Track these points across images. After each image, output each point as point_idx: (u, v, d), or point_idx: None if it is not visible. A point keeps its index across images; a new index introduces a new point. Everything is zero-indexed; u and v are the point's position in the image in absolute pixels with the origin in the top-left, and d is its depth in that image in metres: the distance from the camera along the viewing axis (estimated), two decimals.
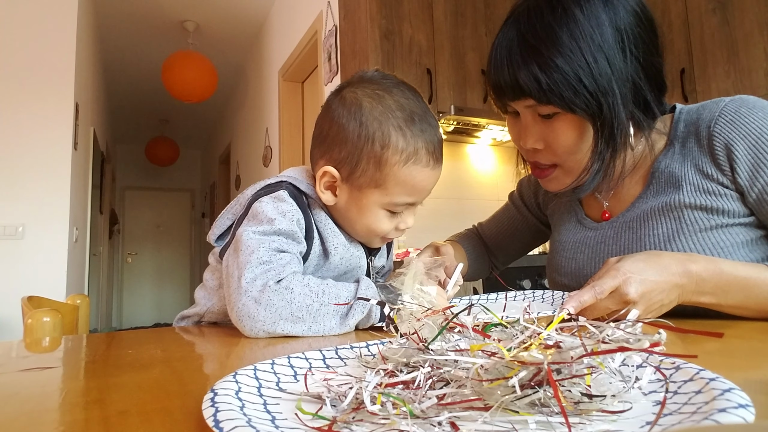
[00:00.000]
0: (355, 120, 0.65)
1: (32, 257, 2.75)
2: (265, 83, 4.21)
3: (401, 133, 0.65)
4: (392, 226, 0.71)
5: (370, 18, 2.25)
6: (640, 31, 0.66)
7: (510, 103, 0.70)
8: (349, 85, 0.70)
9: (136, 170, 7.35)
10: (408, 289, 0.61)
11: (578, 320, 0.33)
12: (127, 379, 0.38)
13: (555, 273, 0.87)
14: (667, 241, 0.69)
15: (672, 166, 0.73)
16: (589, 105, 0.64)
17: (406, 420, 0.23)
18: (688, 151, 0.72)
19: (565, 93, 0.63)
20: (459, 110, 2.32)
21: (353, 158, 0.66)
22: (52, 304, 1.01)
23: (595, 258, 0.79)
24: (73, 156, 2.95)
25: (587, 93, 0.64)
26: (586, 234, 0.82)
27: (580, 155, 0.69)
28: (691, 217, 0.68)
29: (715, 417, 0.20)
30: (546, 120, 0.68)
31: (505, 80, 0.67)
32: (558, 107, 0.65)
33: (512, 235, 1.05)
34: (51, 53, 2.90)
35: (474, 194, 2.81)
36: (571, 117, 0.66)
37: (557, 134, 0.68)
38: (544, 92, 0.64)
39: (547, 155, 0.72)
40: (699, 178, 0.69)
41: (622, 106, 0.65)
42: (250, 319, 0.57)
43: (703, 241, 0.67)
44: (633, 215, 0.75)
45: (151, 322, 7.11)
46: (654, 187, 0.74)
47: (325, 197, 0.69)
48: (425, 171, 0.67)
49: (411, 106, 0.67)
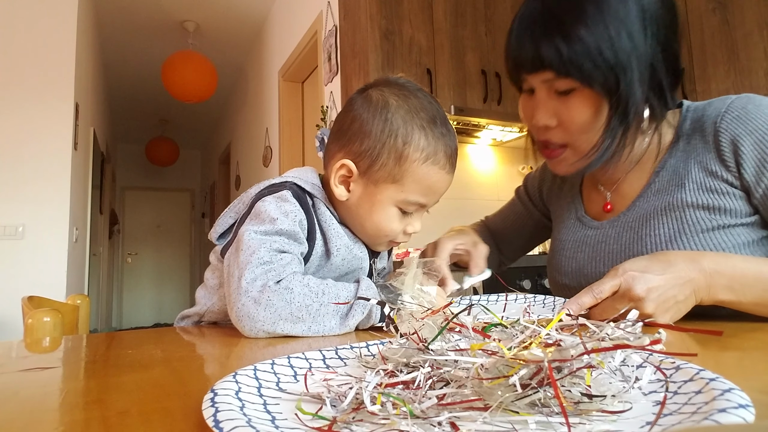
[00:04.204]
0: (381, 116, 0.67)
1: (32, 257, 2.75)
2: (265, 83, 4.21)
3: (424, 133, 0.67)
4: (401, 228, 0.71)
5: (370, 18, 2.25)
6: (662, 13, 0.66)
7: (527, 77, 0.70)
8: (375, 86, 0.71)
9: (136, 170, 7.36)
10: (408, 289, 0.61)
11: (578, 320, 0.33)
12: (127, 379, 0.38)
13: (555, 272, 0.87)
14: (668, 241, 0.69)
15: (676, 164, 0.72)
16: (606, 79, 0.64)
17: (406, 420, 0.23)
18: (692, 148, 0.72)
19: (585, 65, 0.64)
20: (459, 110, 2.32)
21: (374, 151, 0.67)
22: (53, 304, 1.01)
23: (595, 257, 0.78)
24: (73, 156, 2.95)
25: (606, 67, 0.64)
26: (586, 233, 0.82)
27: (591, 134, 0.69)
28: (694, 218, 0.68)
29: (715, 417, 0.20)
30: (561, 96, 0.68)
31: (526, 52, 0.67)
32: (576, 80, 0.65)
33: (518, 230, 1.04)
34: (51, 53, 2.90)
35: (474, 194, 2.81)
36: (587, 94, 0.66)
37: (571, 111, 0.68)
38: (564, 64, 0.64)
39: (558, 133, 0.71)
40: (703, 176, 0.69)
41: (638, 84, 0.65)
42: (250, 320, 0.57)
43: (705, 241, 0.66)
44: (634, 215, 0.75)
45: (151, 322, 7.11)
46: (657, 185, 0.74)
47: (338, 191, 0.70)
48: (441, 173, 0.69)
49: (433, 110, 0.69)
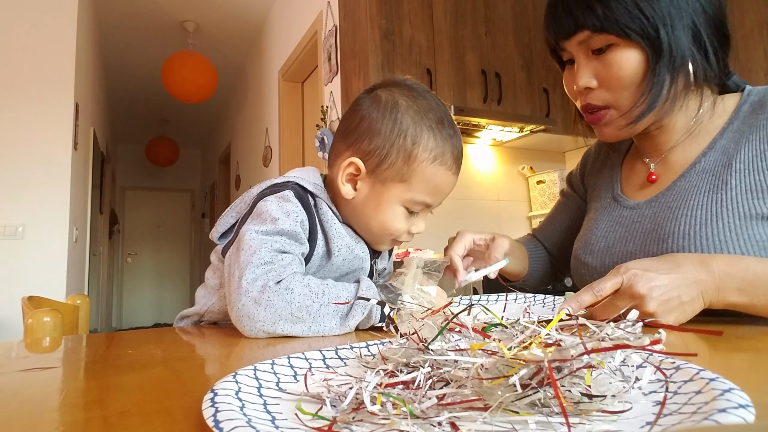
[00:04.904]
0: (391, 115, 0.68)
1: (32, 257, 2.75)
2: (265, 83, 4.21)
3: (432, 134, 0.68)
4: (406, 228, 0.72)
5: (370, 18, 2.25)
6: None
7: (565, 45, 0.71)
8: (383, 86, 0.72)
9: (136, 170, 7.35)
10: (408, 289, 0.61)
11: (578, 319, 0.33)
12: (127, 379, 0.38)
13: (581, 251, 0.83)
14: (703, 223, 0.66)
15: (726, 144, 0.70)
16: (645, 30, 0.65)
17: (406, 420, 0.23)
18: (747, 127, 0.69)
19: (621, 18, 0.64)
20: (459, 110, 2.32)
21: (383, 150, 0.67)
22: (53, 304, 1.01)
23: (626, 236, 0.76)
24: (73, 156, 2.95)
25: (644, 17, 0.64)
26: (621, 213, 0.80)
27: (632, 90, 0.69)
28: (735, 201, 0.65)
29: (715, 417, 0.20)
30: (599, 55, 0.69)
31: (562, 17, 0.68)
32: (613, 34, 0.65)
33: (569, 228, 1.00)
34: (51, 53, 2.89)
35: (474, 194, 2.81)
36: (624, 48, 0.67)
37: (610, 67, 0.68)
38: (599, 19, 0.65)
39: (600, 94, 0.71)
40: (753, 155, 0.66)
41: (683, 33, 0.65)
42: (250, 320, 0.57)
43: (739, 229, 0.63)
44: (674, 194, 0.72)
45: (151, 322, 7.11)
46: (702, 164, 0.71)
47: (345, 189, 0.70)
48: (448, 174, 0.70)
49: (441, 112, 0.70)
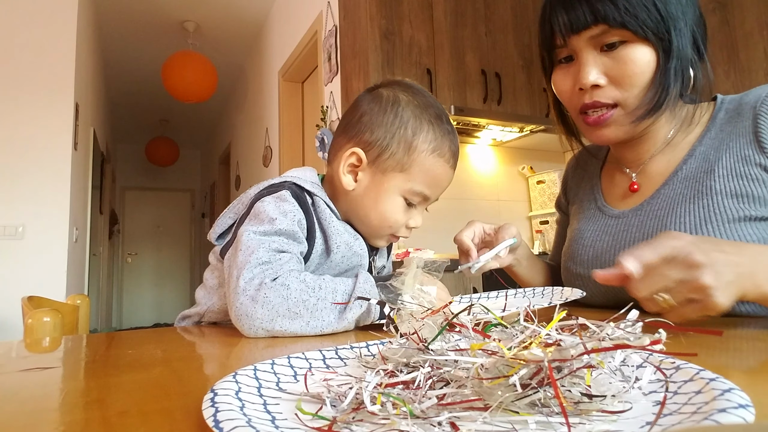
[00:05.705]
0: (392, 109, 0.71)
1: (32, 257, 2.75)
2: (265, 83, 4.21)
3: (432, 127, 0.71)
4: (404, 220, 0.73)
5: (370, 18, 2.25)
6: None
7: (571, 41, 0.70)
8: (383, 85, 0.75)
9: (136, 170, 7.35)
10: (408, 289, 0.61)
11: (578, 319, 0.33)
12: (127, 379, 0.38)
13: (570, 261, 0.84)
14: (693, 230, 0.67)
15: (706, 151, 0.71)
16: (659, 29, 0.66)
17: (406, 420, 0.23)
18: (725, 135, 0.71)
19: (640, 14, 0.66)
20: (459, 110, 2.32)
21: (384, 141, 0.70)
22: (53, 304, 1.01)
23: (615, 246, 0.76)
24: (73, 156, 2.95)
25: (659, 15, 0.66)
26: (606, 222, 0.80)
27: (642, 88, 0.69)
28: (722, 206, 0.66)
29: (715, 417, 0.20)
30: (609, 52, 0.69)
31: (575, 10, 0.68)
32: (630, 29, 0.66)
33: None
34: (51, 53, 2.90)
35: (474, 194, 2.81)
36: (636, 45, 0.68)
37: (624, 64, 0.68)
38: (620, 12, 0.66)
39: (609, 92, 0.71)
40: (734, 161, 0.68)
41: (687, 39, 0.68)
42: (248, 318, 0.57)
43: (731, 232, 0.64)
44: (659, 202, 0.73)
45: (151, 322, 7.11)
46: (684, 171, 0.72)
47: (346, 180, 0.72)
48: (446, 167, 0.72)
49: (439, 110, 0.73)
